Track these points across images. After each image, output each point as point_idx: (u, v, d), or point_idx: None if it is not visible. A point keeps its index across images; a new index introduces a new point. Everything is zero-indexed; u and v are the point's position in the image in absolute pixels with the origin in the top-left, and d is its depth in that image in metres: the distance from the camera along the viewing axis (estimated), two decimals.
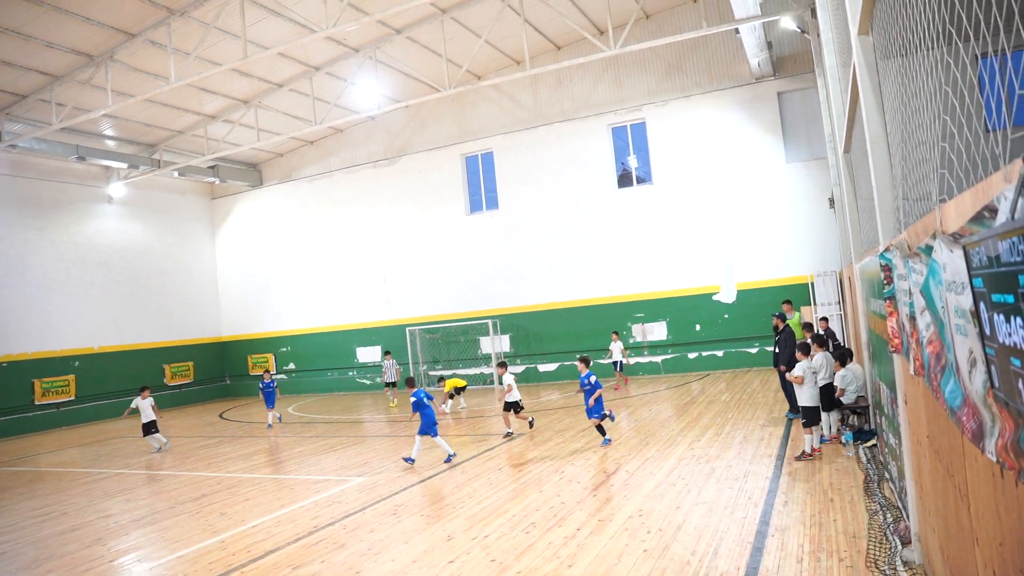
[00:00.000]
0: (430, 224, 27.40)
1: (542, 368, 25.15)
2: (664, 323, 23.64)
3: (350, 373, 28.20)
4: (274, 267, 31.22)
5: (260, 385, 19.73)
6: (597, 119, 24.61)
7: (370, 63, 22.99)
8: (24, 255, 25.26)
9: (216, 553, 7.93)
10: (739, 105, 22.75)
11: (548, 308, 25.21)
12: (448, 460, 11.96)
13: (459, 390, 20.02)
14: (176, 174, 28.65)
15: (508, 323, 25.76)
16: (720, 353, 22.91)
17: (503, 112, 26.16)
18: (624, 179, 24.62)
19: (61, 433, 23.53)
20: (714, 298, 23.05)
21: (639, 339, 23.95)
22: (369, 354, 28.51)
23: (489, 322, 25.42)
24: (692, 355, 23.30)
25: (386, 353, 23.80)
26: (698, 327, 23.24)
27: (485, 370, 26.04)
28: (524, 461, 11.43)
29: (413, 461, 11.95)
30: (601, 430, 12.25)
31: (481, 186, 26.90)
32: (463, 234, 26.77)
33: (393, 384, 22.86)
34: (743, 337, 22.52)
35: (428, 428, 11.95)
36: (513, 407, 13.81)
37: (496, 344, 25.46)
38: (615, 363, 21.51)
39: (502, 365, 14.53)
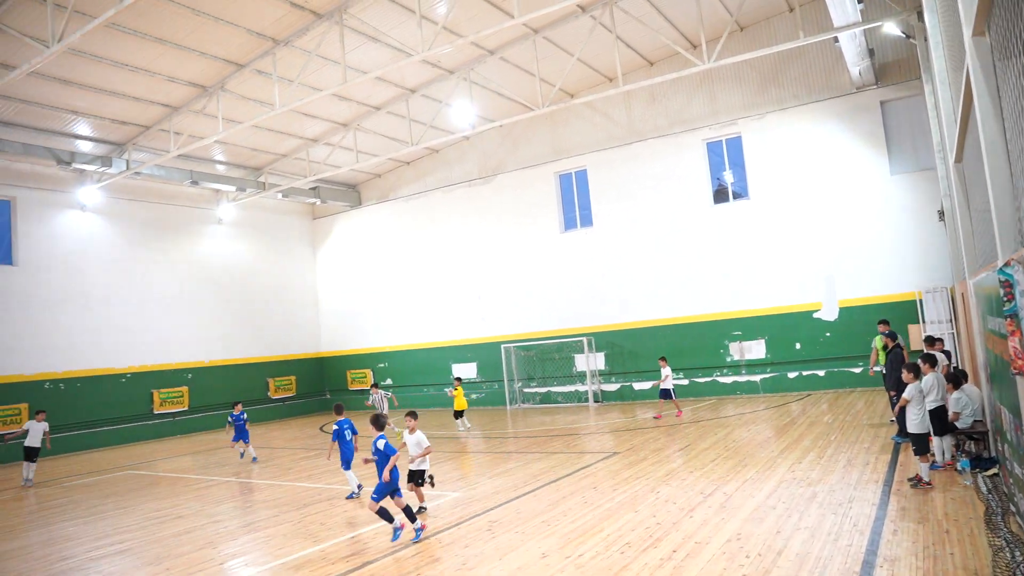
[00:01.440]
0: (525, 242, 27.62)
1: (637, 386, 24.85)
2: (762, 341, 23.01)
3: (446, 389, 28.57)
4: (372, 284, 32.10)
5: (229, 418, 18.16)
6: (691, 134, 24.30)
7: (464, 84, 23.47)
8: (145, 273, 26.91)
9: (317, 562, 8.18)
10: (839, 116, 22.02)
11: (643, 326, 24.94)
12: (350, 496, 12.01)
13: (459, 413, 20.83)
14: (280, 196, 29.96)
15: (603, 341, 25.62)
16: (821, 373, 22.11)
17: (596, 129, 26.18)
18: (720, 194, 24.20)
19: (176, 441, 24.78)
20: (815, 316, 22.29)
21: (736, 357, 23.38)
22: (465, 371, 28.86)
23: (584, 340, 25.36)
24: (792, 374, 22.58)
25: (373, 386, 22.23)
26: (798, 345, 22.51)
27: (580, 388, 25.96)
28: (619, 480, 11.32)
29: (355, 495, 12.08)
30: (408, 514, 8.90)
31: (575, 203, 26.94)
32: (557, 251, 26.85)
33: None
34: (846, 356, 21.66)
35: (346, 463, 12.30)
36: (417, 478, 9.99)
37: (591, 362, 25.36)
38: (664, 390, 19.27)
39: (411, 415, 10.04)
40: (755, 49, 19.87)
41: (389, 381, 31.38)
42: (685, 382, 24.03)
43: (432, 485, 10.41)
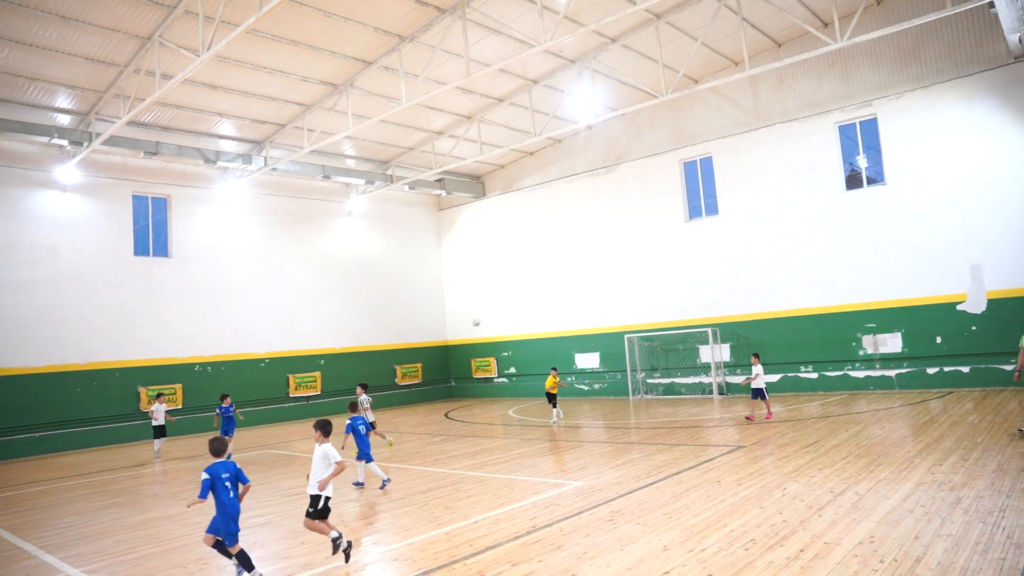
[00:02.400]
0: (648, 231, 27.29)
1: (764, 379, 24.03)
2: (898, 335, 21.75)
3: (569, 379, 28.72)
4: (496, 274, 32.62)
5: (217, 410, 18.04)
6: (822, 117, 23.22)
7: (586, 73, 23.39)
8: (281, 264, 28.47)
9: (441, 544, 8.46)
10: (991, 91, 20.38)
11: (770, 317, 24.13)
12: (383, 486, 12.32)
13: (552, 396, 20.69)
14: (406, 188, 30.89)
15: (728, 332, 25.00)
16: (966, 369, 20.69)
17: (721, 115, 25.48)
18: (853, 180, 23.02)
19: (309, 423, 26.04)
20: (959, 308, 20.85)
21: (870, 351, 22.23)
22: (588, 360, 28.90)
23: (708, 330, 24.84)
24: (932, 370, 21.25)
25: (362, 385, 19.51)
26: (939, 339, 21.15)
27: (704, 379, 25.45)
28: (744, 475, 11.06)
29: (362, 485, 12.54)
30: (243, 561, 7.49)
31: (700, 192, 26.34)
32: (682, 240, 26.37)
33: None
34: (995, 352, 20.11)
35: (363, 455, 12.45)
36: (318, 510, 8.12)
37: (716, 353, 24.79)
38: (756, 390, 17.74)
39: (318, 426, 8.46)
40: (893, 24, 18.66)
41: (513, 369, 31.81)
42: (814, 375, 23.13)
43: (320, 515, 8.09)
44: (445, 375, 34.35)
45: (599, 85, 24.28)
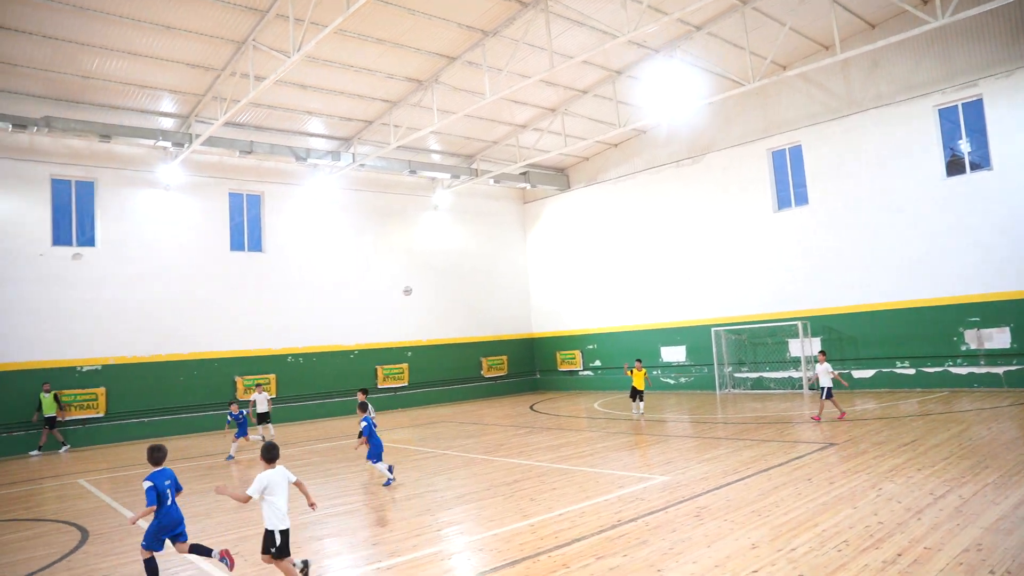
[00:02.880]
0: (735, 222, 26.67)
1: (857, 374, 23.19)
2: (1007, 329, 20.54)
3: (655, 372, 28.39)
4: (581, 267, 32.53)
5: (229, 418, 17.94)
6: (920, 101, 22.12)
7: (671, 62, 22.99)
8: (369, 258, 29.16)
9: (526, 535, 8.51)
10: None
11: (864, 310, 23.23)
12: (387, 484, 12.33)
13: (638, 395, 20.38)
14: (491, 182, 31.11)
15: (819, 325, 24.20)
16: None
17: (811, 102, 24.61)
18: (954, 166, 21.84)
19: (396, 414, 26.65)
20: None
21: (973, 346, 21.09)
22: (674, 354, 28.52)
23: (798, 324, 24.10)
24: None
25: (363, 391, 15.96)
26: None
27: (794, 374, 24.74)
28: (836, 473, 10.71)
29: (392, 481, 12.42)
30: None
31: (789, 181, 25.55)
32: (770, 231, 25.66)
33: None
34: None
35: (377, 456, 12.53)
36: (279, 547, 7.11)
37: (806, 347, 24.04)
38: (823, 389, 16.74)
39: (264, 453, 7.37)
40: None
41: (598, 363, 31.69)
42: (911, 371, 22.14)
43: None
44: (530, 368, 34.50)
45: (684, 74, 23.82)
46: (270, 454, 7.14)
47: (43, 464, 18.59)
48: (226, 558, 7.34)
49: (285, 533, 6.92)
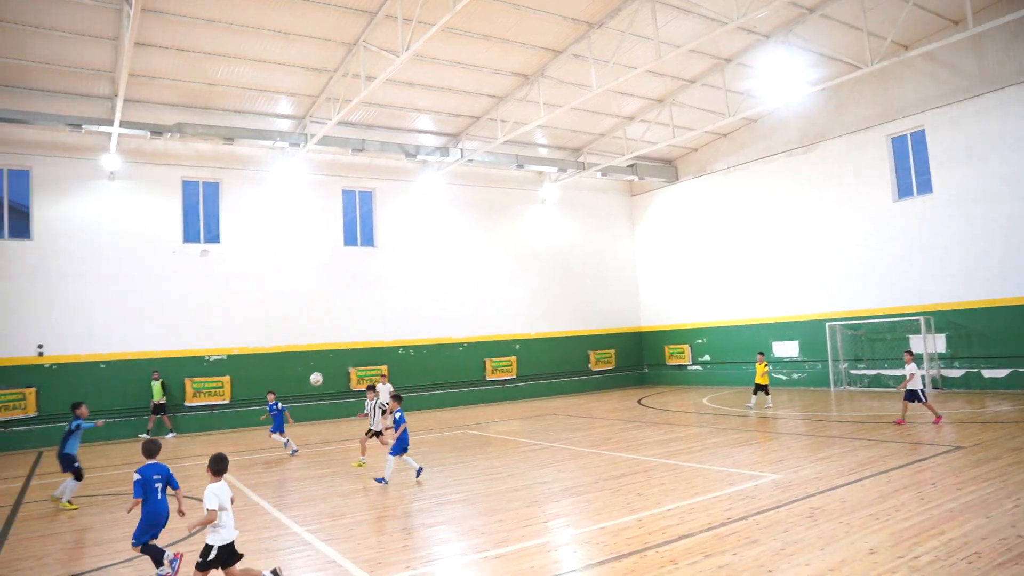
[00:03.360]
0: (851, 212, 25.48)
1: (987, 373, 21.73)
2: None
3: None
4: (690, 259, 31.93)
5: (267, 408, 17.67)
6: None
7: (782, 48, 22.16)
8: (478, 252, 29.62)
9: (633, 530, 8.47)
10: None
11: (996, 304, 21.64)
12: (380, 480, 12.30)
13: (762, 388, 20.10)
14: (598, 175, 30.91)
15: (943, 321, 22.79)
16: None
17: (936, 83, 23.13)
18: None
19: (504, 406, 26.95)
20: None
21: None
22: (786, 349, 27.60)
23: (920, 319, 22.81)
24: None
25: (370, 389, 15.12)
26: None
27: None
28: (964, 479, 10.10)
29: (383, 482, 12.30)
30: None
31: (911, 168, 24.16)
32: (889, 222, 24.34)
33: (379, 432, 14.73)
34: None
35: (402, 449, 12.49)
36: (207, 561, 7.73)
37: (929, 344, 22.72)
38: (910, 392, 15.86)
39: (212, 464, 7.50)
40: None
41: (707, 357, 31.06)
42: None
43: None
44: (638, 361, 34.16)
45: (796, 59, 22.88)
46: (218, 466, 6.96)
47: (175, 445, 19.83)
48: (176, 560, 7.44)
49: (226, 547, 6.73)
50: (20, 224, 22.01)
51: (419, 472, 12.60)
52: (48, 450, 19.81)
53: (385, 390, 20.08)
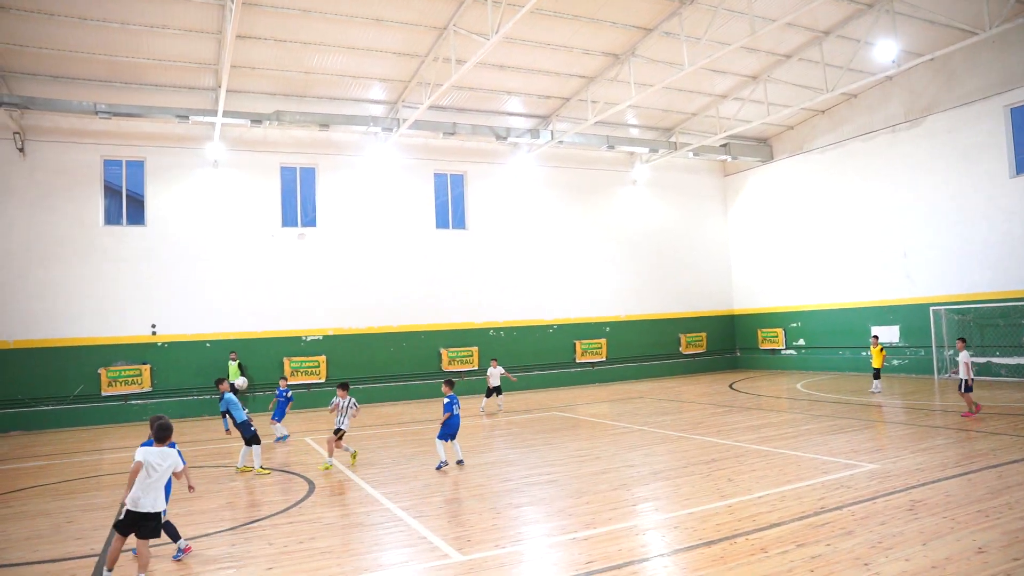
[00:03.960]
0: (960, 189, 24.11)
1: None
2: None
3: (863, 353, 26.54)
4: (785, 241, 31.00)
5: (276, 393, 17.15)
6: None
7: (886, 17, 21.09)
8: (567, 234, 29.58)
9: (723, 516, 8.39)
10: None
11: None
12: (439, 466, 12.27)
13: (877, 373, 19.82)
14: (691, 155, 30.32)
15: None
16: None
17: None
18: None
19: (594, 388, 26.92)
20: None
21: None
22: (886, 334, 26.45)
23: None
24: None
25: (342, 386, 13.75)
26: None
27: None
28: None
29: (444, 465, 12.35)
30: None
31: None
32: (1006, 199, 22.86)
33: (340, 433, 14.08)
34: None
35: (451, 436, 12.47)
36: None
37: None
38: (962, 382, 15.54)
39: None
40: None
41: (802, 341, 30.18)
42: None
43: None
44: (730, 345, 33.48)
45: (901, 28, 21.71)
46: (162, 433, 7.25)
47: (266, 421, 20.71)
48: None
49: (133, 512, 6.86)
50: (136, 211, 23.43)
51: (460, 463, 12.50)
52: None
53: (496, 373, 21.12)
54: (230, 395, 12.73)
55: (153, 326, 22.83)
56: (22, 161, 21.66)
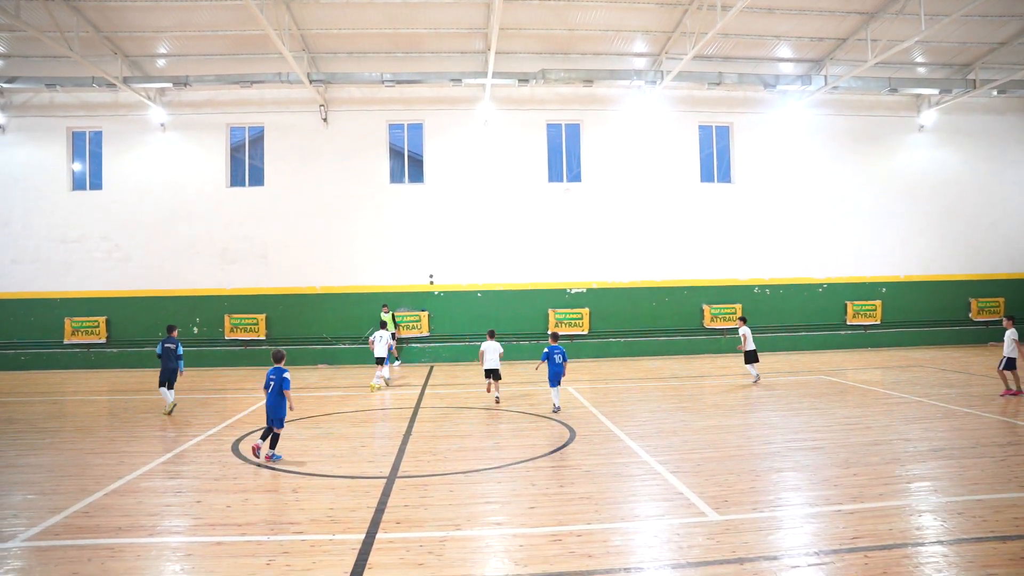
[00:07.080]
0: None
1: None
2: None
3: None
4: None
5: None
6: None
7: None
8: (840, 187, 27.40)
9: (1020, 509, 7.51)
10: None
11: None
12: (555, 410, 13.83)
13: None
14: (994, 93, 26.50)
15: None
16: None
17: None
18: None
19: (866, 353, 24.97)
20: None
21: None
22: None
23: None
24: None
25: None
26: None
27: None
28: None
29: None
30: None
31: None
32: None
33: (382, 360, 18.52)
34: None
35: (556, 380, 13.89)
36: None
37: None
38: (1010, 360, 14.92)
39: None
40: None
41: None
42: None
43: None
44: None
45: None
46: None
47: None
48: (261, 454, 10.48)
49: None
50: (416, 171, 25.71)
51: (556, 409, 13.95)
52: (438, 365, 23.78)
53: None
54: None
55: (431, 276, 25.01)
56: (325, 129, 25.00)
